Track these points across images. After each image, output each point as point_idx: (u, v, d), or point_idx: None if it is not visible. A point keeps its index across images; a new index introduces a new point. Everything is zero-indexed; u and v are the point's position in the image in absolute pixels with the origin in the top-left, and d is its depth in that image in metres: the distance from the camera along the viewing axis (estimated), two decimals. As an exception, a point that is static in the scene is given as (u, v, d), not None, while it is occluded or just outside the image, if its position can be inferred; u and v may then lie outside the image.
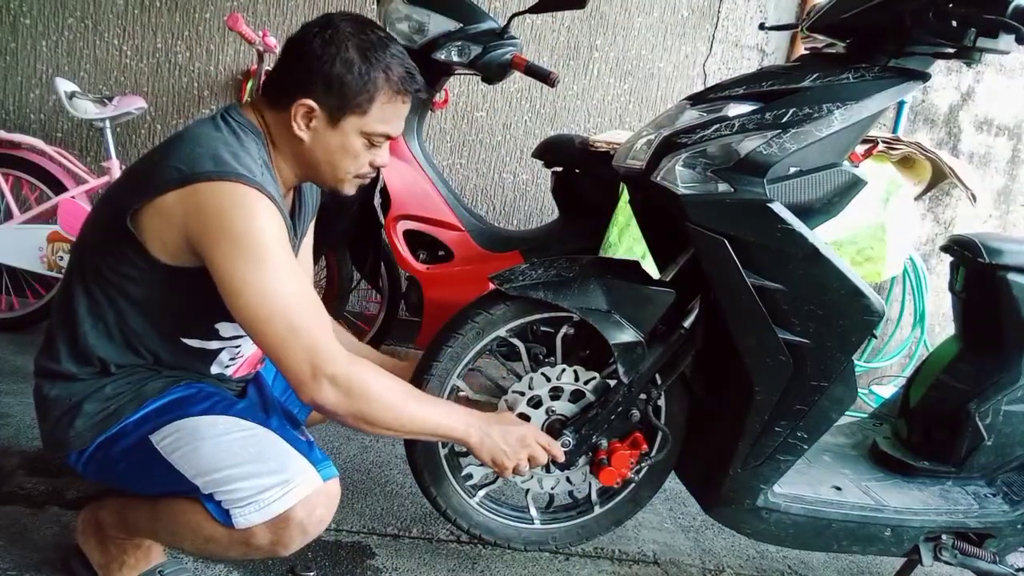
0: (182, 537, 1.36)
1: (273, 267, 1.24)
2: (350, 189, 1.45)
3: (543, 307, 1.51)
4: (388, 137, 1.41)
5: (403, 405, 1.34)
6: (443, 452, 1.59)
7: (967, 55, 1.33)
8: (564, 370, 1.56)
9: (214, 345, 1.45)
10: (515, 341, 1.56)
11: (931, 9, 1.29)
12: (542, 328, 1.60)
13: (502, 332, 1.53)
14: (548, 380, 1.56)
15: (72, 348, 1.35)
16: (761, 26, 1.97)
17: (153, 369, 1.40)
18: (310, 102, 1.32)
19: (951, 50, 1.36)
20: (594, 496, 1.72)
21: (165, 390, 1.38)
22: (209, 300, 1.27)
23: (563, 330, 1.57)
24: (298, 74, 1.34)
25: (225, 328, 1.43)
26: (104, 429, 1.35)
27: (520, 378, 1.58)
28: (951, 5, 1.28)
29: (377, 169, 1.45)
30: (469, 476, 1.64)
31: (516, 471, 1.46)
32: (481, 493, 1.66)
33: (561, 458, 1.51)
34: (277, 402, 1.60)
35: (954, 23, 1.29)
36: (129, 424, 1.35)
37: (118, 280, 1.33)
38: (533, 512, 1.71)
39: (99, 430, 1.35)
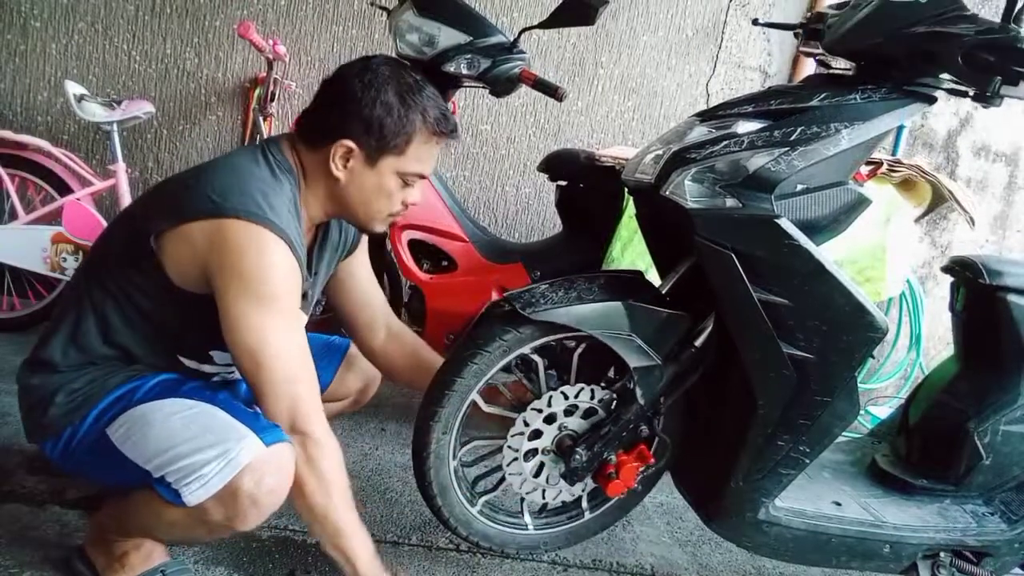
0: (153, 527, 1.37)
1: (278, 314, 1.28)
2: (381, 227, 1.49)
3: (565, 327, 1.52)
4: (421, 176, 1.45)
5: (338, 500, 1.37)
6: (452, 464, 1.60)
7: (987, 100, 1.36)
8: (582, 389, 1.57)
9: (207, 369, 1.48)
10: (535, 358, 1.57)
11: (957, 53, 1.31)
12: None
13: (526, 350, 1.54)
14: (566, 398, 1.57)
15: (67, 339, 1.38)
16: (755, 22, 1.98)
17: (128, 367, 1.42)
18: (349, 143, 1.36)
19: (969, 91, 1.38)
20: (584, 502, 1.75)
21: (124, 382, 1.39)
22: (210, 326, 1.30)
23: (579, 349, 1.58)
24: (338, 115, 1.38)
25: (220, 356, 1.46)
26: (71, 421, 1.37)
27: (539, 395, 1.58)
28: (975, 50, 1.30)
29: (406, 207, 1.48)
30: (474, 483, 1.66)
31: None
32: (482, 501, 1.67)
33: None
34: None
35: (977, 68, 1.31)
36: (89, 419, 1.36)
37: (128, 290, 1.35)
38: (527, 518, 1.73)
39: (66, 422, 1.37)
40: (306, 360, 1.33)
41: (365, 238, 1.71)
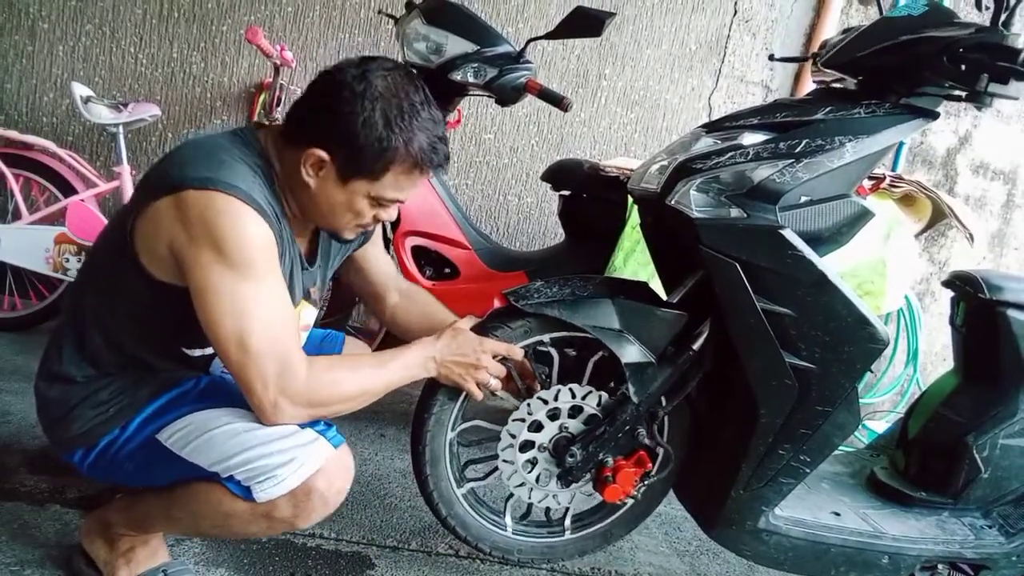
0: (201, 516, 1.34)
1: (252, 278, 1.21)
2: (349, 236, 1.43)
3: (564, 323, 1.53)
4: (398, 201, 1.38)
5: (365, 384, 1.37)
6: (451, 436, 1.61)
7: (978, 99, 1.38)
8: (590, 392, 1.59)
9: (211, 351, 1.45)
10: (552, 351, 1.59)
11: (946, 54, 1.33)
12: (539, 348, 1.62)
13: (546, 338, 1.57)
14: (573, 396, 1.58)
15: (75, 351, 1.37)
16: (771, 57, 2.03)
17: (150, 371, 1.40)
18: (322, 154, 1.28)
19: (962, 93, 1.40)
20: (567, 521, 1.75)
21: (162, 391, 1.39)
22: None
23: (595, 356, 1.60)
24: (318, 121, 1.30)
25: None
26: (105, 432, 1.36)
27: (548, 386, 1.60)
28: (965, 51, 1.33)
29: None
30: (466, 465, 1.68)
31: (484, 388, 1.52)
32: (468, 486, 1.68)
33: (519, 356, 1.54)
34: None
35: (967, 68, 1.33)
36: (132, 428, 1.36)
37: (116, 293, 1.34)
38: (508, 519, 1.73)
39: (100, 433, 1.36)
40: (280, 318, 1.25)
41: (379, 228, 1.69)
